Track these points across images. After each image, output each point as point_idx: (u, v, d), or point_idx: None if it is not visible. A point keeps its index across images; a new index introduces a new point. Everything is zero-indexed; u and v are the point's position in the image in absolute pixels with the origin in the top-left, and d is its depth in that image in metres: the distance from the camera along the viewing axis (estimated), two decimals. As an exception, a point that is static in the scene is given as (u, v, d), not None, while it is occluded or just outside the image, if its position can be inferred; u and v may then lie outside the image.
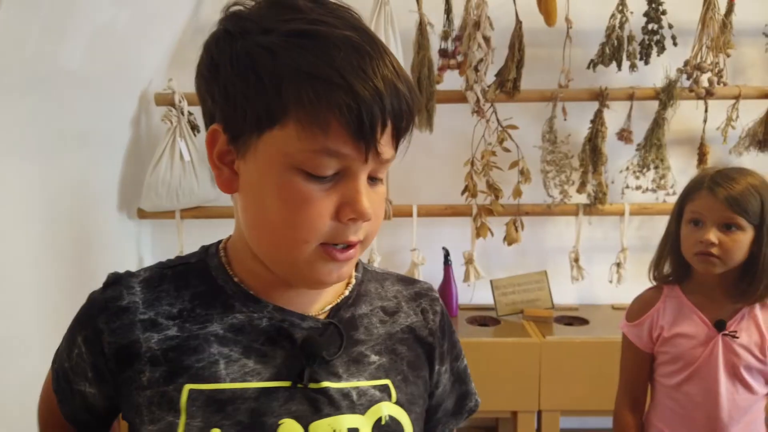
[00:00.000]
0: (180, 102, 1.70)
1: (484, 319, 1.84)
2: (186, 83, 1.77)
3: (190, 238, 1.81)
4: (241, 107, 0.51)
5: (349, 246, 0.54)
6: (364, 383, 0.59)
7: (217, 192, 1.80)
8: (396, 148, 0.55)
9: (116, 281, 0.59)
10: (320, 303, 0.61)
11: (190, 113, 1.75)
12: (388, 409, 0.58)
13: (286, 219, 0.52)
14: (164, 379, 0.54)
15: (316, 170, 0.51)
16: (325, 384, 0.56)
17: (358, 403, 0.57)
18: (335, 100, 0.48)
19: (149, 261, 1.91)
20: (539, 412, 1.65)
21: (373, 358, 0.61)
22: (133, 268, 0.63)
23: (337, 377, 0.58)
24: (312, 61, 0.49)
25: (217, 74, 0.52)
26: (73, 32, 1.31)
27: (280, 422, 0.53)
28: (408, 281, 0.70)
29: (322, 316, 0.60)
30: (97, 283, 0.60)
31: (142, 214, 1.80)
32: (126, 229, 1.80)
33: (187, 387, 0.54)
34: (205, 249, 0.63)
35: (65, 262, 1.44)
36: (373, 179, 0.55)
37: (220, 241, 0.63)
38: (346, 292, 0.63)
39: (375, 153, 0.51)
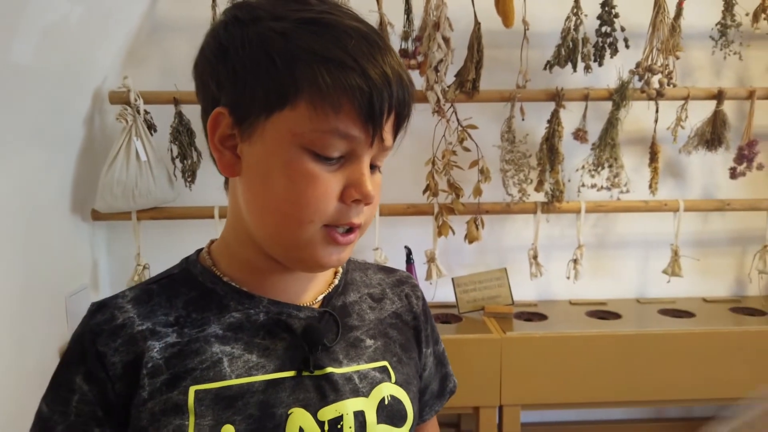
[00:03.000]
0: (136, 100, 1.66)
1: (446, 316, 1.86)
2: (142, 81, 1.74)
3: (147, 240, 1.77)
4: (250, 89, 0.52)
5: (350, 230, 0.56)
6: (364, 366, 0.61)
7: (176, 192, 1.77)
8: (395, 137, 0.58)
9: (102, 306, 0.58)
10: (312, 292, 0.63)
11: (146, 112, 1.71)
12: (389, 389, 0.61)
13: (293, 198, 0.53)
14: (167, 386, 0.54)
15: (324, 151, 0.52)
16: (329, 369, 0.58)
17: (360, 386, 0.59)
18: (349, 82, 0.51)
19: (105, 264, 1.86)
20: (500, 407, 1.68)
21: (369, 342, 0.63)
22: (88, 272, 0.62)
23: (338, 363, 0.60)
24: (326, 45, 0.51)
25: (226, 57, 0.53)
26: (25, 28, 1.27)
27: (289, 412, 0.55)
28: (388, 270, 0.74)
29: (315, 306, 0.62)
30: (50, 289, 0.59)
31: (97, 216, 1.75)
32: (80, 232, 1.74)
33: (193, 388, 0.54)
34: (185, 259, 0.63)
35: (14, 266, 1.39)
36: (372, 166, 0.57)
37: (200, 249, 0.64)
38: (335, 281, 0.66)
39: (380, 138, 0.54)
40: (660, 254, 1.95)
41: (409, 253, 1.88)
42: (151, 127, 1.73)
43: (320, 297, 0.63)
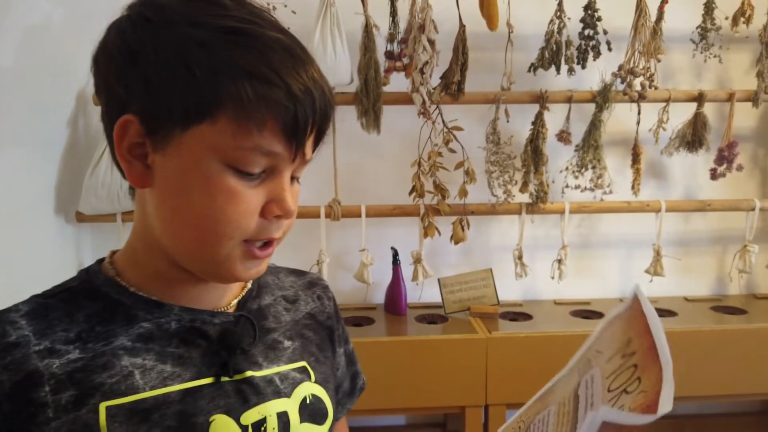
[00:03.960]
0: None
1: (433, 316, 1.87)
2: (126, 83, 1.72)
3: (132, 242, 1.76)
4: (166, 99, 0.49)
5: (268, 244, 0.56)
6: (284, 368, 0.61)
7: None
8: (314, 149, 0.57)
9: None
10: (227, 298, 0.62)
11: (131, 113, 1.70)
12: (309, 388, 0.61)
13: (213, 215, 0.51)
14: (74, 403, 0.50)
15: (246, 167, 0.51)
16: (249, 373, 0.57)
17: (282, 387, 0.59)
18: (273, 99, 0.49)
19: (89, 266, 1.84)
20: (486, 407, 1.69)
21: (287, 343, 0.63)
22: (73, 274, 0.61)
23: (258, 365, 0.59)
24: (249, 59, 0.49)
25: (136, 62, 0.50)
26: (6, 29, 1.26)
27: (210, 419, 0.53)
28: (299, 273, 0.74)
29: (230, 310, 0.62)
30: (34, 292, 0.58)
31: (81, 218, 1.74)
32: (64, 234, 1.73)
33: (104, 405, 0.50)
34: (84, 270, 0.60)
35: (-2, 269, 1.38)
36: (291, 178, 0.56)
37: (101, 260, 0.61)
38: (249, 285, 0.66)
39: (302, 153, 0.54)
40: (642, 254, 1.97)
41: (395, 254, 1.89)
42: (135, 129, 1.72)
43: (234, 301, 0.63)
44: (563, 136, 1.82)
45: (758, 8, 1.79)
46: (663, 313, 1.87)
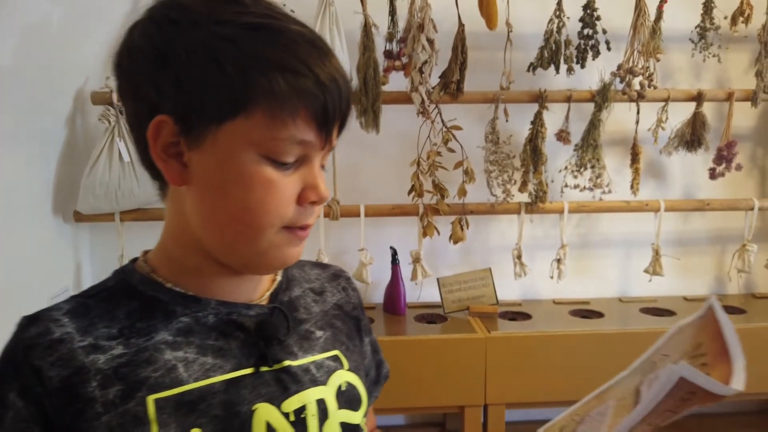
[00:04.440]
0: (118, 101, 1.65)
1: (432, 316, 1.87)
2: (125, 82, 1.72)
3: (131, 242, 1.75)
4: (198, 97, 0.51)
5: (304, 227, 0.57)
6: (318, 356, 0.63)
7: (159, 194, 1.76)
8: (338, 136, 0.59)
9: (35, 319, 0.54)
10: (259, 291, 0.64)
11: (129, 113, 1.70)
12: (344, 376, 0.63)
13: (253, 206, 0.53)
14: (122, 398, 0.51)
15: (281, 157, 0.53)
16: (287, 362, 0.59)
17: (318, 376, 0.61)
18: (304, 90, 0.51)
19: (88, 267, 1.84)
20: (485, 406, 1.69)
21: (319, 333, 0.65)
22: (71, 275, 0.61)
23: (294, 355, 0.61)
24: (278, 53, 0.50)
25: (165, 64, 0.51)
26: (4, 28, 1.25)
27: (254, 408, 0.55)
28: (322, 265, 0.76)
29: (263, 303, 0.63)
30: (32, 293, 0.58)
31: (79, 217, 1.73)
32: (62, 233, 1.73)
33: (151, 398, 0.52)
34: (119, 270, 0.62)
35: (-4, 268, 1.37)
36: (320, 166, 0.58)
37: (135, 259, 0.63)
38: (279, 278, 0.67)
39: (330, 141, 0.56)
40: (641, 254, 1.97)
41: (394, 254, 1.89)
42: (134, 128, 1.72)
43: (267, 294, 0.64)
44: (562, 136, 1.82)
45: (757, 8, 1.79)
46: (662, 312, 1.88)
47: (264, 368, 0.58)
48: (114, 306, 0.57)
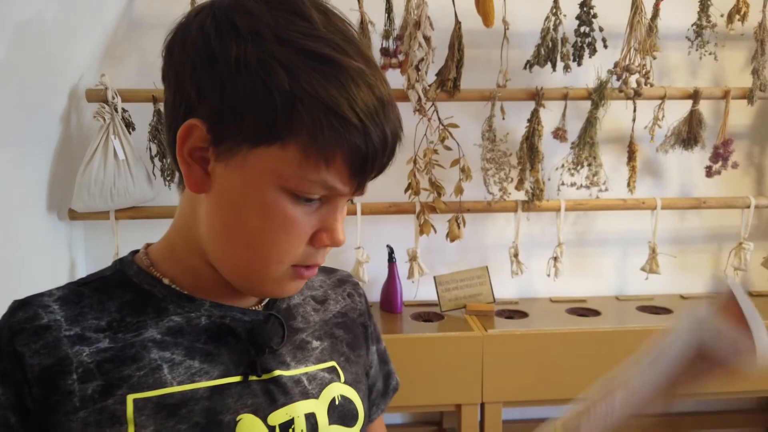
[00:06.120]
0: (113, 98, 1.64)
1: (428, 314, 1.86)
2: (119, 79, 1.71)
3: (125, 240, 1.74)
4: (238, 114, 0.48)
5: (312, 266, 0.56)
6: (312, 368, 0.60)
7: (155, 192, 1.75)
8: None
9: (24, 304, 0.53)
10: (254, 297, 0.62)
11: (124, 110, 1.69)
12: (339, 389, 0.61)
13: (266, 238, 0.52)
14: (101, 393, 0.50)
15: (306, 195, 0.51)
16: (278, 373, 0.57)
17: (310, 388, 0.58)
18: (347, 140, 0.48)
19: (82, 264, 1.83)
20: (482, 404, 1.69)
21: (315, 343, 0.63)
22: (66, 273, 0.60)
23: (286, 365, 0.58)
24: (332, 93, 0.47)
25: (214, 69, 0.49)
26: (-4, 24, 1.24)
27: (238, 418, 0.53)
28: (328, 270, 0.74)
29: (260, 309, 0.61)
30: (27, 290, 0.57)
31: (74, 215, 1.72)
32: (57, 232, 1.72)
33: (131, 397, 0.51)
34: (119, 260, 0.60)
35: (-10, 267, 1.36)
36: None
37: (135, 251, 0.61)
38: None
39: (361, 191, 0.55)
40: (638, 252, 1.97)
41: (391, 252, 1.88)
42: (129, 126, 1.71)
43: (264, 300, 0.63)
44: (559, 134, 1.82)
45: (753, 5, 1.79)
46: (659, 310, 1.88)
47: (253, 377, 0.55)
48: (106, 297, 0.55)
